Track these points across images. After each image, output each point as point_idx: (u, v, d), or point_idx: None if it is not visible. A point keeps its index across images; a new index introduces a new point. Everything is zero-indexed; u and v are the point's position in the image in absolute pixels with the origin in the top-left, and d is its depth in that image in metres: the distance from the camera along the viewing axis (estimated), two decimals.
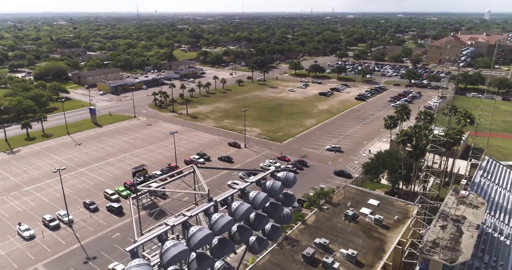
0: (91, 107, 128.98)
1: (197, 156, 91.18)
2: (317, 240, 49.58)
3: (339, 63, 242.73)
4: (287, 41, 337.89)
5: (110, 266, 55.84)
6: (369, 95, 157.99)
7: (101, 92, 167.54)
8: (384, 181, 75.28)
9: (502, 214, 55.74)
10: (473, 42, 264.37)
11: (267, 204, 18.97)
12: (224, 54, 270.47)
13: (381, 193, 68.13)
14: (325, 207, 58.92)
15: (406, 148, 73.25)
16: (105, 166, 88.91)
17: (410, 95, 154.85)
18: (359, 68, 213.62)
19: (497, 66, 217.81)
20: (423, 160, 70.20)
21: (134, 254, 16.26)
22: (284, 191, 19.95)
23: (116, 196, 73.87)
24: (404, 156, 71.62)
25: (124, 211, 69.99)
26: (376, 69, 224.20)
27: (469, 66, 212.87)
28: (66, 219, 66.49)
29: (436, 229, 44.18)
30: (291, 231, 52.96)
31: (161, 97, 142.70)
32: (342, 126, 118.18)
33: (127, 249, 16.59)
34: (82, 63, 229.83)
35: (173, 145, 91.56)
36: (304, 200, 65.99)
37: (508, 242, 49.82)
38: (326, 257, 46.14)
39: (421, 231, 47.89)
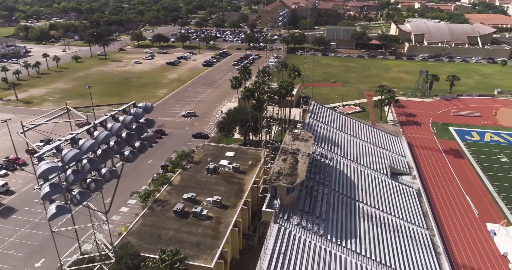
0: None
1: (41, 144, 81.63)
2: (185, 196, 53.64)
3: (182, 31, 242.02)
4: (123, 11, 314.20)
5: None
6: (214, 60, 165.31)
7: None
8: (237, 135, 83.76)
9: (326, 144, 70.30)
10: (296, 7, 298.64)
11: (134, 126, 25.09)
12: (51, 28, 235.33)
13: (236, 146, 76.03)
14: (188, 166, 63.08)
15: (252, 102, 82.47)
16: None
17: (250, 57, 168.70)
18: (202, 35, 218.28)
19: (316, 27, 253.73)
20: (265, 112, 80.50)
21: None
22: (145, 116, 25.60)
23: None
24: (250, 111, 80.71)
25: None
26: (218, 35, 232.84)
27: (295, 28, 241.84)
28: None
29: (279, 162, 53.42)
30: (159, 193, 55.47)
31: None
32: (194, 92, 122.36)
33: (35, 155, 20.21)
34: None
35: (8, 136, 79.47)
36: (168, 165, 68.63)
37: (331, 163, 63.88)
38: (195, 208, 50.82)
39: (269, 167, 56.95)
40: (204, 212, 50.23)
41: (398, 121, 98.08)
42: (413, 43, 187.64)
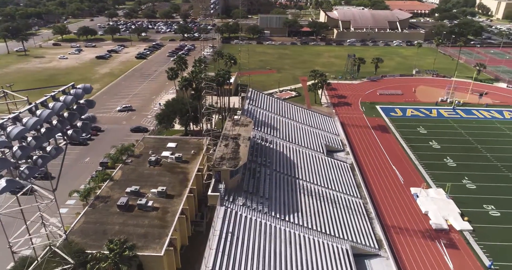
0: None
1: None
2: (128, 189, 52.85)
3: (111, 23, 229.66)
4: (42, 3, 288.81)
5: None
6: (148, 52, 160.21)
7: None
8: (177, 126, 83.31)
9: (266, 128, 73.03)
10: None
11: (75, 106, 26.42)
12: None
13: (177, 136, 75.78)
14: (129, 161, 61.85)
15: (190, 92, 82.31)
16: None
17: (185, 48, 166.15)
18: (133, 27, 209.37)
19: (249, 16, 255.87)
20: (204, 100, 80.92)
21: None
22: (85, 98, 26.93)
23: None
24: (189, 101, 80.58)
25: None
26: (150, 26, 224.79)
27: (229, 17, 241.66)
28: None
29: (221, 148, 54.80)
30: (100, 190, 53.96)
31: None
32: (128, 86, 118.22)
33: None
34: None
35: None
36: (107, 161, 66.53)
37: (271, 146, 66.75)
38: (140, 200, 50.43)
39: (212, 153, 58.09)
40: (150, 203, 50.09)
41: (331, 103, 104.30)
42: (341, 29, 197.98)
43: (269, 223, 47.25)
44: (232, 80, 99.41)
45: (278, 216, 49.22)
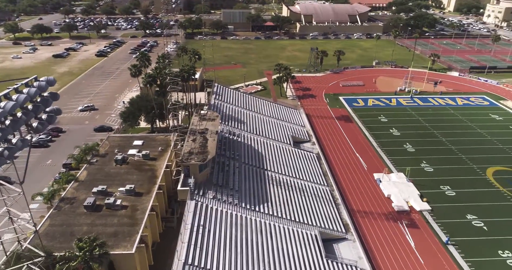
0: None
1: None
2: (95, 189, 51.79)
3: (67, 20, 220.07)
4: None
5: None
6: (109, 50, 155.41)
7: None
8: (143, 124, 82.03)
9: (233, 122, 73.60)
10: None
11: (39, 99, 26.47)
12: None
13: (143, 134, 74.65)
14: (94, 160, 60.41)
15: (155, 89, 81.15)
16: None
17: (148, 44, 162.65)
18: (91, 24, 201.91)
19: (212, 11, 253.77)
20: (170, 97, 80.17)
21: None
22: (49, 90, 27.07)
23: None
24: (154, 97, 79.51)
25: None
26: (109, 23, 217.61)
27: (192, 13, 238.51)
28: None
29: (189, 143, 54.84)
30: (65, 191, 52.49)
31: None
32: (89, 85, 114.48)
33: None
34: None
35: None
36: (71, 162, 64.59)
37: (239, 139, 67.47)
38: (108, 199, 49.62)
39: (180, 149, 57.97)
40: (118, 202, 49.44)
41: (296, 96, 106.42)
42: (304, 23, 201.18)
43: (239, 214, 48.10)
44: (197, 76, 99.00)
45: (248, 207, 50.17)
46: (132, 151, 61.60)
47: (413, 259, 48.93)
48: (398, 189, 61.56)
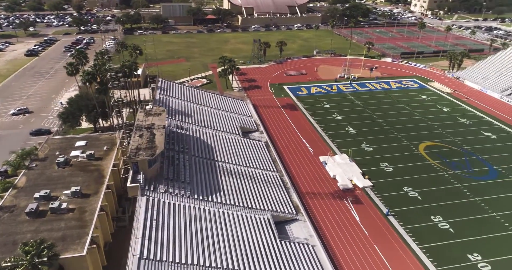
0: None
1: None
2: (37, 195, 49.18)
3: None
4: None
5: None
6: (40, 49, 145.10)
7: None
8: (85, 124, 78.59)
9: (180, 116, 73.18)
10: None
11: None
12: None
13: (86, 134, 71.59)
14: (34, 165, 57.11)
15: (95, 87, 77.85)
16: None
17: (84, 42, 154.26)
18: (17, 21, 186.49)
19: (151, 5, 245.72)
20: (112, 94, 77.42)
21: None
22: None
23: None
24: (95, 95, 76.32)
25: None
26: (38, 20, 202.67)
27: (129, 7, 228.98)
28: None
29: (136, 139, 53.87)
30: (3, 200, 49.27)
31: None
32: (21, 86, 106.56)
33: None
34: None
35: None
36: (7, 169, 60.52)
37: (188, 133, 67.42)
38: (52, 204, 47.44)
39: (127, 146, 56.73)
40: (64, 205, 47.47)
41: (242, 87, 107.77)
42: (245, 16, 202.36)
43: (193, 206, 48.58)
44: (139, 72, 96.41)
45: (201, 197, 50.77)
46: (75, 153, 59.16)
47: (359, 231, 52.83)
48: (342, 170, 65.55)
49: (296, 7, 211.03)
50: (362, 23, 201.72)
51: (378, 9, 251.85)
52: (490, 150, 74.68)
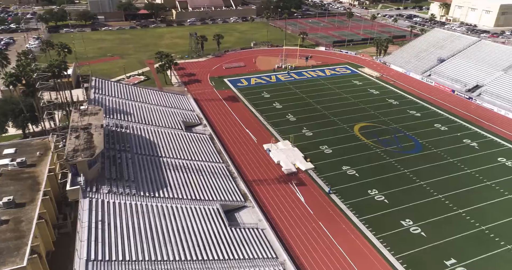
0: None
1: None
2: None
3: None
4: None
5: None
6: None
7: None
8: (12, 130, 72.92)
9: (119, 114, 70.87)
10: None
11: None
12: None
13: (15, 141, 66.53)
14: None
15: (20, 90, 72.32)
16: None
17: (2, 42, 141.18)
18: None
19: (77, 1, 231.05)
20: (41, 95, 72.53)
21: None
22: None
23: None
24: (21, 99, 70.99)
25: None
26: None
27: (52, 3, 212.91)
28: None
29: (72, 140, 51.44)
30: None
31: None
32: None
33: None
34: None
35: None
36: None
37: (128, 131, 65.64)
38: None
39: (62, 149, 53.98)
40: None
41: (182, 82, 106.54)
42: (180, 10, 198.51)
43: (139, 203, 47.91)
44: (70, 72, 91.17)
45: (147, 194, 50.17)
46: (3, 161, 54.93)
47: (304, 211, 55.81)
48: (286, 155, 68.32)
49: (231, 0, 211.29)
50: (295, 14, 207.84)
51: (309, 0, 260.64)
52: (415, 126, 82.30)
